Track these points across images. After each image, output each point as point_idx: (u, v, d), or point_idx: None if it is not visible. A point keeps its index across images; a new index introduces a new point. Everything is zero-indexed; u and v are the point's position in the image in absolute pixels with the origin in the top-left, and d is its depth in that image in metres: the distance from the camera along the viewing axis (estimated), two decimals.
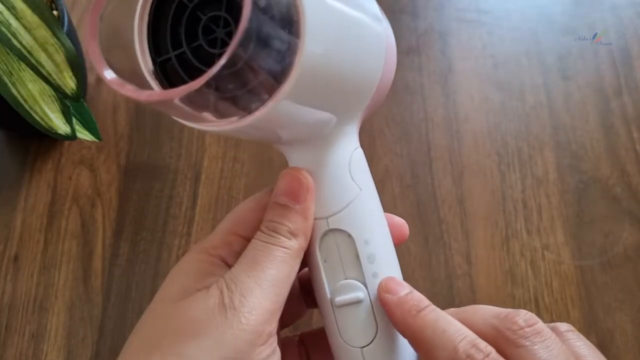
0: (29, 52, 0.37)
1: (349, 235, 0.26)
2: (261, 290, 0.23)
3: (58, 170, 0.46)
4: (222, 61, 0.17)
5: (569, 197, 0.45)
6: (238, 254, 0.25)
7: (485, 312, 0.25)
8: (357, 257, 0.26)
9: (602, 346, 0.40)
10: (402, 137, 0.47)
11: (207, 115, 0.20)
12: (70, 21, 0.42)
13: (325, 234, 0.26)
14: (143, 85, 0.21)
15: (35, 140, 0.47)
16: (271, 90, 0.19)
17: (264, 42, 0.18)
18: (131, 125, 0.48)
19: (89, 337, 0.41)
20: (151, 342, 0.23)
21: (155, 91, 0.19)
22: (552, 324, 0.25)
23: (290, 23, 0.19)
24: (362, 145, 0.26)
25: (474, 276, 0.42)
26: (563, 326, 0.25)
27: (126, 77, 0.19)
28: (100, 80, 0.50)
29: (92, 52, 0.19)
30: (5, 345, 0.41)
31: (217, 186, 0.46)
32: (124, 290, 0.42)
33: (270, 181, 0.46)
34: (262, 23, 0.18)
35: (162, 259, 0.43)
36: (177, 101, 0.19)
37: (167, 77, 0.21)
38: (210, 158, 0.47)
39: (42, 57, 0.38)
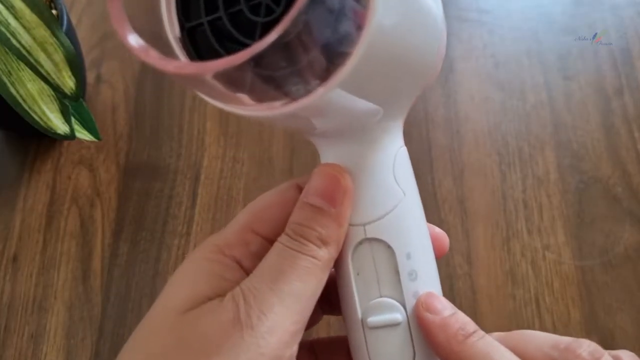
0: (27, 51, 0.37)
1: (389, 247, 0.23)
2: (283, 307, 0.20)
3: (57, 170, 0.46)
4: (278, 31, 0.14)
5: (569, 197, 0.45)
6: (254, 256, 0.22)
7: (540, 340, 0.22)
8: (397, 272, 0.23)
9: (602, 346, 0.40)
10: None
11: (241, 96, 0.18)
12: (69, 20, 0.42)
13: (361, 242, 0.23)
14: (167, 53, 0.18)
15: (34, 140, 0.47)
16: (325, 73, 0.17)
17: (328, 11, 0.15)
18: (130, 124, 0.48)
19: (88, 338, 0.41)
20: (150, 358, 0.20)
21: (187, 62, 0.16)
22: (615, 352, 0.23)
23: None
24: None
25: (475, 276, 0.42)
26: (626, 355, 0.23)
27: (147, 41, 0.16)
28: (99, 79, 0.49)
29: (114, 11, 0.16)
30: (5, 346, 0.41)
31: (217, 186, 0.46)
32: (124, 291, 0.42)
33: (270, 182, 0.46)
34: None
35: (162, 259, 0.43)
36: (210, 77, 0.16)
37: (196, 46, 0.18)
38: (210, 158, 0.47)
39: (41, 57, 0.37)
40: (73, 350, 0.41)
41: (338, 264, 0.23)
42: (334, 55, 0.16)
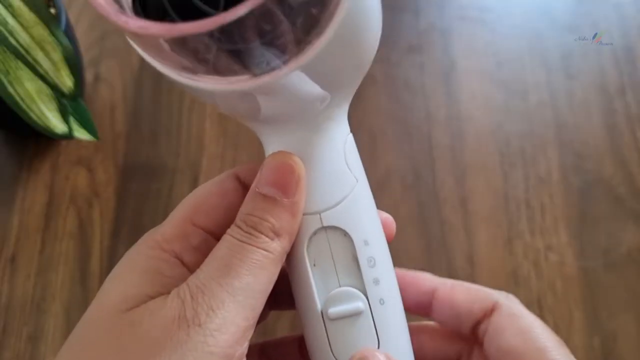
0: (26, 50, 0.36)
1: (346, 234, 0.22)
2: (234, 302, 0.19)
3: (55, 170, 0.46)
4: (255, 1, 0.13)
5: (572, 197, 0.44)
6: (195, 250, 0.21)
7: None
8: (355, 260, 0.22)
9: (605, 348, 0.40)
10: (403, 137, 0.47)
11: (197, 67, 0.17)
12: (67, 19, 0.41)
13: (316, 232, 0.22)
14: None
15: (32, 140, 0.47)
16: (290, 54, 0.16)
17: None
18: (129, 124, 0.48)
19: None
20: None
21: (153, 23, 0.15)
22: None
23: None
24: (362, 145, 0.24)
25: (477, 277, 0.42)
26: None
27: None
28: (97, 78, 0.49)
29: None
30: (3, 347, 0.40)
31: None
32: None
33: None
34: None
35: None
36: (170, 43, 0.15)
37: (147, 13, 0.17)
38: (209, 158, 0.46)
39: (39, 56, 0.37)
40: None
41: (292, 255, 0.22)
42: (302, 36, 0.16)
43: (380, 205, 0.24)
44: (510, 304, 0.24)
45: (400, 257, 0.43)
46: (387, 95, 0.48)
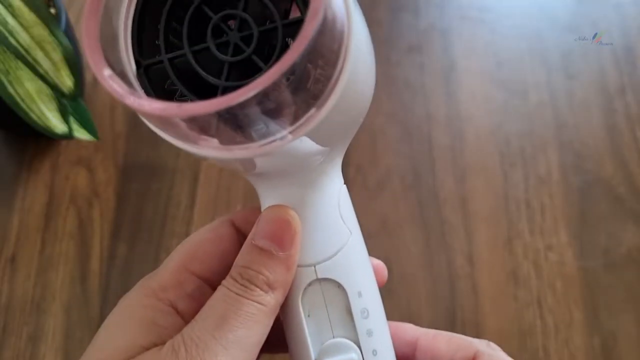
0: (26, 50, 0.36)
1: (340, 286, 0.22)
2: (227, 356, 0.19)
3: (55, 170, 0.46)
4: (282, 69, 0.14)
5: (572, 197, 0.44)
6: (190, 298, 0.22)
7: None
8: (349, 311, 0.22)
9: (605, 348, 0.40)
10: (403, 137, 0.47)
11: (204, 138, 0.17)
12: (67, 19, 0.41)
13: (311, 284, 0.22)
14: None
15: (32, 140, 0.47)
16: (293, 122, 0.17)
17: (318, 56, 0.15)
18: (129, 124, 0.48)
19: (86, 339, 0.41)
20: None
21: (170, 104, 0.16)
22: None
23: (341, 38, 0.17)
24: (362, 145, 0.24)
25: (477, 277, 0.42)
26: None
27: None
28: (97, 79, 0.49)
29: (89, 47, 0.16)
30: (3, 347, 0.40)
31: (216, 186, 0.45)
32: (122, 292, 0.42)
33: None
34: (324, 32, 0.15)
35: (160, 260, 0.43)
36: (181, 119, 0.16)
37: (151, 83, 0.18)
38: None
39: (39, 56, 0.37)
40: (71, 351, 0.40)
41: (287, 306, 0.23)
42: (305, 109, 0.17)
43: (380, 205, 0.24)
44: (491, 353, 0.25)
45: (400, 257, 0.43)
46: (387, 95, 0.48)
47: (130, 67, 0.18)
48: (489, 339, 0.40)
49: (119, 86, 0.16)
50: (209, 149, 0.17)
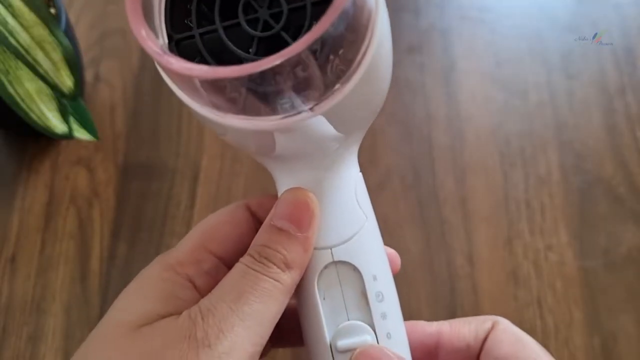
0: (26, 50, 0.36)
1: (355, 269, 0.23)
2: (244, 327, 0.19)
3: (55, 170, 0.46)
4: (311, 38, 0.15)
5: (572, 197, 0.44)
6: (207, 274, 0.22)
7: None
8: (364, 295, 0.23)
9: (605, 348, 0.40)
10: (403, 137, 0.47)
11: (226, 105, 0.18)
12: (67, 19, 0.41)
13: (327, 267, 0.23)
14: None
15: (32, 140, 0.47)
16: (316, 99, 0.17)
17: (346, 29, 0.16)
18: (129, 124, 0.48)
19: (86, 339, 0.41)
20: None
21: (194, 65, 0.16)
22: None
23: (369, 14, 0.17)
24: (362, 145, 0.24)
25: (476, 277, 0.42)
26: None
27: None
28: (97, 78, 0.49)
29: (131, 5, 0.17)
30: (3, 347, 0.40)
31: (216, 186, 0.45)
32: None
33: (269, 181, 0.45)
34: (355, 5, 0.16)
35: None
36: (203, 84, 0.16)
37: (180, 52, 0.18)
38: (209, 157, 0.46)
39: (39, 56, 0.37)
40: (71, 352, 0.40)
41: (302, 288, 0.23)
42: (329, 84, 0.17)
43: (380, 205, 0.24)
44: (505, 321, 0.26)
45: (400, 257, 0.43)
46: (388, 95, 0.48)
47: (163, 40, 0.18)
48: None
49: (156, 46, 0.16)
50: (234, 118, 0.18)
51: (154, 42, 0.17)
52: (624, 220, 0.43)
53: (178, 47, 0.18)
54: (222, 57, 0.18)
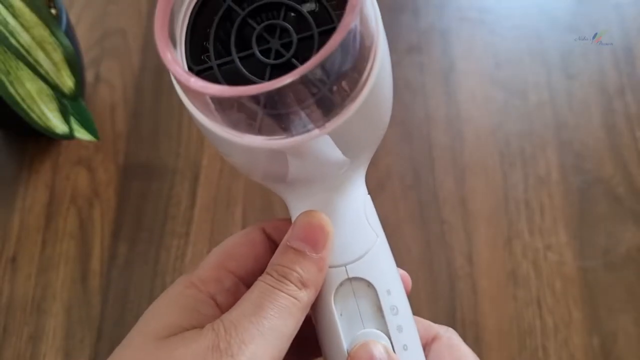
0: (26, 50, 0.37)
1: (370, 285, 0.24)
2: (264, 340, 0.20)
3: (56, 170, 0.46)
4: (318, 60, 0.16)
5: (571, 197, 0.44)
6: (227, 292, 0.23)
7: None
8: (379, 309, 0.24)
9: (604, 348, 0.40)
10: (403, 137, 0.47)
11: (241, 125, 0.19)
12: (68, 20, 0.42)
13: (342, 283, 0.24)
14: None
15: (32, 140, 0.47)
16: (321, 121, 0.19)
17: (349, 53, 0.17)
18: (129, 124, 0.48)
19: (87, 339, 0.41)
20: None
21: (210, 84, 0.18)
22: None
23: (371, 38, 0.19)
24: None
25: (476, 277, 0.42)
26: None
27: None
28: (98, 78, 0.49)
29: (159, 29, 0.18)
30: (4, 347, 0.41)
31: (217, 186, 0.45)
32: (122, 291, 0.42)
33: None
34: (354, 34, 0.17)
35: (161, 259, 0.43)
36: (223, 105, 0.18)
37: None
38: (210, 158, 0.46)
39: (40, 56, 0.37)
40: (72, 351, 0.40)
41: (320, 306, 0.24)
42: (335, 104, 0.19)
43: (380, 205, 0.25)
44: (450, 336, 0.26)
45: (400, 256, 0.43)
46: None
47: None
48: (488, 339, 0.41)
49: (180, 68, 0.18)
50: (250, 137, 0.19)
51: (179, 64, 0.18)
52: (623, 220, 0.44)
53: (197, 73, 0.20)
54: (239, 85, 0.19)
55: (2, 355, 0.40)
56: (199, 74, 0.20)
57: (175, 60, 0.18)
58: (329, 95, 0.18)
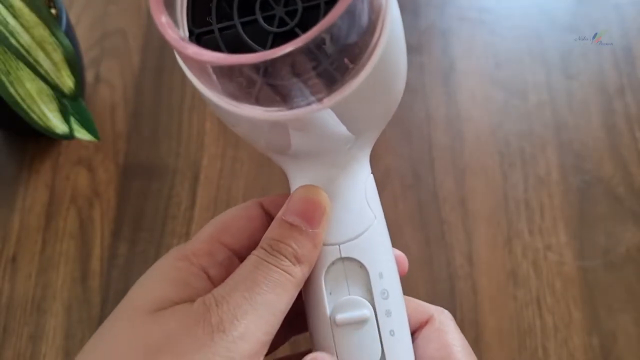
0: (26, 50, 0.37)
1: (362, 266, 0.23)
2: (257, 316, 0.20)
3: (56, 170, 0.46)
4: (319, 29, 0.16)
5: (571, 197, 0.44)
6: (220, 266, 0.23)
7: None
8: (369, 291, 0.23)
9: (604, 348, 0.40)
10: (403, 137, 0.47)
11: (242, 95, 0.19)
12: (68, 20, 0.42)
13: (334, 262, 0.23)
14: None
15: (32, 140, 0.47)
16: (324, 92, 0.18)
17: (354, 24, 0.17)
18: (129, 124, 0.48)
19: (87, 339, 0.41)
20: (114, 357, 0.20)
21: (220, 54, 0.17)
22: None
23: (379, 8, 0.18)
24: None
25: (476, 277, 0.42)
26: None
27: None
28: (98, 78, 0.49)
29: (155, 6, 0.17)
30: (3, 347, 0.41)
31: (217, 186, 0.45)
32: (122, 291, 0.42)
33: (269, 181, 0.46)
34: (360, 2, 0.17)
35: None
36: (219, 74, 0.17)
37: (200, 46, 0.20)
38: (210, 157, 0.46)
39: (40, 56, 0.37)
40: (72, 351, 0.40)
41: (310, 283, 0.23)
42: (338, 77, 0.18)
43: (380, 205, 0.25)
44: (442, 319, 0.25)
45: None
46: None
47: (184, 33, 0.19)
48: (488, 339, 0.41)
49: (175, 33, 0.17)
50: (249, 108, 0.19)
51: (173, 29, 0.17)
52: (623, 220, 0.44)
53: (199, 41, 0.19)
54: (240, 52, 0.18)
55: (2, 355, 0.40)
56: (200, 36, 0.19)
57: (170, 24, 0.17)
58: (330, 68, 0.18)
